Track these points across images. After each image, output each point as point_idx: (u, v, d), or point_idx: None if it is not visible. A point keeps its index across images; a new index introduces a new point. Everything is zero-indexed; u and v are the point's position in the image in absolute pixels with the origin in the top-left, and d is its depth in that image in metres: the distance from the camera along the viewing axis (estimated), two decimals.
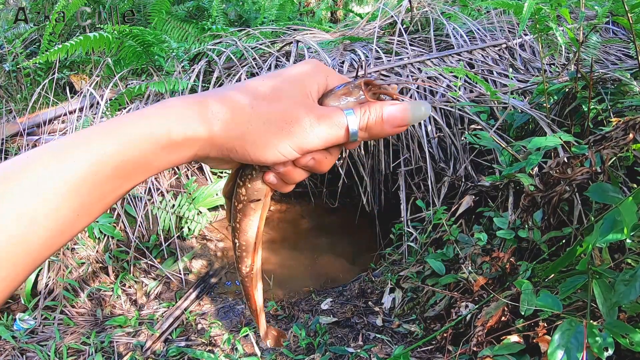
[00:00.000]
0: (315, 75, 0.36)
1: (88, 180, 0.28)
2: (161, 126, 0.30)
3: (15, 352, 1.85)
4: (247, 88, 0.34)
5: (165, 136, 0.30)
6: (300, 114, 0.33)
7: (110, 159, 0.28)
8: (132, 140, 0.29)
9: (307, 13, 5.41)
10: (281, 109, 0.33)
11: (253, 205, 0.39)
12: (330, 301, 2.16)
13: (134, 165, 0.30)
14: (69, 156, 0.28)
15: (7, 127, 2.64)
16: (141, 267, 2.38)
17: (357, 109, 0.35)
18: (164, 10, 3.45)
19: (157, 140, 0.30)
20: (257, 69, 2.80)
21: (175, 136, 0.30)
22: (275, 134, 0.32)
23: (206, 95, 0.33)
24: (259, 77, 0.36)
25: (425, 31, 3.25)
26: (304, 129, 0.33)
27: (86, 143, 0.28)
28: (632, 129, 1.39)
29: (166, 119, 0.30)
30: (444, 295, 1.75)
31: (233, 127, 0.32)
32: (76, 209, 0.28)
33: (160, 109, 0.31)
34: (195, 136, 0.31)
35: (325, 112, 0.34)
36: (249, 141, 0.32)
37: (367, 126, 0.35)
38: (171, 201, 2.50)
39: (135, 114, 0.31)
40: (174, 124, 0.30)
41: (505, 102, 2.15)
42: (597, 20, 2.05)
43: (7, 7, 4.02)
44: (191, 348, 1.85)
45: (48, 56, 2.57)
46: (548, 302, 1.03)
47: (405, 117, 0.34)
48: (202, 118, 0.31)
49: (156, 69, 2.97)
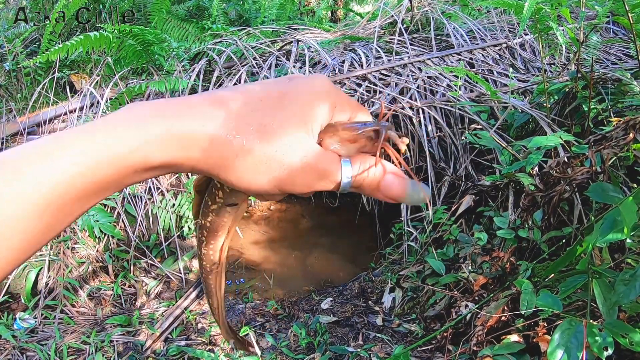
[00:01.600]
0: (322, 106, 0.31)
1: (55, 202, 0.26)
2: (138, 151, 0.27)
3: (15, 352, 1.85)
4: (238, 114, 0.29)
5: (142, 162, 0.28)
6: (294, 161, 0.29)
7: (81, 179, 0.26)
8: (106, 163, 0.27)
9: (307, 12, 5.41)
10: (275, 151, 0.29)
11: (229, 209, 0.37)
12: (331, 300, 2.16)
13: (105, 185, 0.28)
14: (36, 175, 0.26)
15: (7, 127, 2.64)
16: (141, 267, 2.38)
17: (356, 161, 0.31)
18: (164, 9, 3.45)
19: (132, 165, 0.28)
20: (258, 69, 2.80)
21: (153, 161, 0.28)
22: (264, 173, 0.29)
23: (189, 116, 0.28)
24: (256, 93, 0.31)
25: (425, 31, 3.25)
26: (294, 177, 0.30)
27: (59, 158, 0.26)
28: (632, 128, 1.39)
29: (144, 144, 0.27)
30: (444, 294, 1.75)
31: (217, 159, 0.29)
32: (42, 229, 0.27)
33: (136, 130, 0.27)
34: (173, 162, 0.29)
35: (322, 163, 0.30)
36: (233, 174, 0.29)
37: (360, 185, 0.32)
38: (171, 200, 2.50)
39: (109, 128, 0.27)
40: (152, 150, 0.27)
41: (505, 102, 2.15)
42: (598, 20, 2.05)
43: (7, 7, 4.02)
44: (191, 347, 1.85)
45: (48, 55, 2.57)
46: (548, 302, 1.03)
47: (400, 196, 0.32)
48: (183, 145, 0.28)
49: (156, 69, 2.97)
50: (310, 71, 2.78)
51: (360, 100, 2.60)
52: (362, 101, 2.60)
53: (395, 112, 2.54)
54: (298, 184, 0.30)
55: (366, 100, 2.59)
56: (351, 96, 2.61)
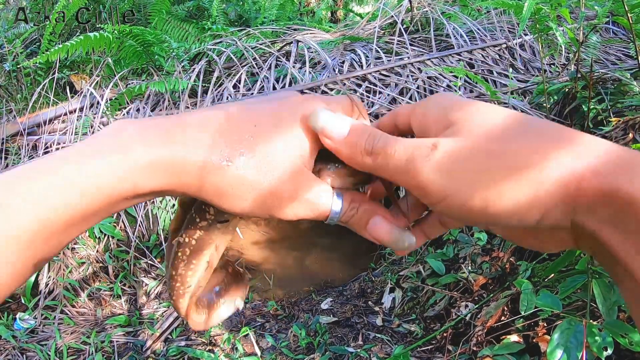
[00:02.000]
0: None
1: (41, 235, 0.26)
2: (127, 180, 0.26)
3: (15, 352, 1.85)
4: (231, 140, 0.28)
5: (131, 189, 0.27)
6: (285, 191, 0.29)
7: (69, 211, 0.26)
8: (94, 193, 0.26)
9: (307, 13, 5.41)
10: (268, 180, 0.28)
11: (219, 226, 0.33)
12: (330, 301, 2.16)
13: (93, 213, 0.27)
14: (20, 210, 0.25)
15: (7, 127, 2.64)
16: (141, 267, 2.38)
17: (347, 198, 0.31)
18: (164, 10, 3.46)
19: (121, 193, 0.27)
20: (257, 69, 2.81)
21: (142, 189, 0.27)
22: (255, 200, 0.29)
23: (180, 142, 0.27)
24: (249, 116, 0.30)
25: (425, 31, 3.26)
26: (284, 206, 0.29)
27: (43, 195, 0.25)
28: (632, 128, 1.39)
29: (132, 172, 0.27)
30: (443, 295, 1.75)
31: (209, 185, 0.28)
32: (26, 262, 0.26)
33: (125, 157, 0.26)
34: (164, 188, 0.28)
35: (314, 196, 0.30)
36: (226, 200, 0.29)
37: (347, 221, 0.32)
38: (171, 201, 2.50)
39: (96, 156, 0.26)
40: (142, 178, 0.27)
41: (505, 102, 2.15)
42: (597, 20, 2.05)
43: (7, 7, 4.02)
44: (191, 348, 1.85)
45: (48, 56, 2.57)
46: (548, 302, 1.04)
47: (386, 240, 0.31)
48: (174, 172, 0.28)
49: (156, 69, 2.97)
50: (311, 71, 2.78)
51: (360, 100, 2.60)
52: (362, 101, 2.60)
53: None
54: (287, 212, 0.30)
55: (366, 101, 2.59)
56: None
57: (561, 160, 0.24)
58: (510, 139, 0.26)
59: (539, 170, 0.24)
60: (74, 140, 2.54)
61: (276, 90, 2.67)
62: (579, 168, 0.24)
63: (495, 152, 0.25)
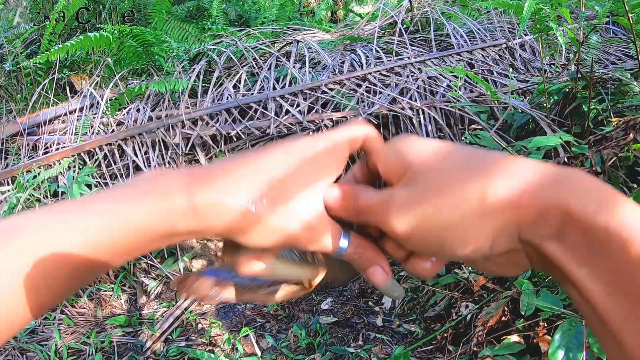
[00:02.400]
0: None
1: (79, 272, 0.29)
2: (165, 221, 0.30)
3: (15, 352, 1.85)
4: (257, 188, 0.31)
5: (169, 229, 0.30)
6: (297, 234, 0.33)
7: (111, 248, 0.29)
8: (134, 231, 0.29)
9: (307, 13, 5.41)
10: (287, 223, 0.32)
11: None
12: (331, 301, 2.16)
13: (130, 250, 0.30)
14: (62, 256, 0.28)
15: (7, 127, 2.64)
16: (141, 267, 2.38)
17: (354, 241, 0.35)
18: (164, 10, 3.46)
19: (160, 232, 0.30)
20: (257, 69, 2.81)
21: (179, 229, 0.30)
22: (280, 241, 0.33)
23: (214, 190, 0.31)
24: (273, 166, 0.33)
25: (425, 31, 3.25)
26: (293, 243, 0.33)
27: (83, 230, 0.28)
28: (632, 129, 1.39)
29: (170, 214, 0.30)
30: (444, 295, 1.75)
31: (237, 227, 0.31)
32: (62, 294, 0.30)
33: (164, 201, 0.30)
34: (198, 229, 0.31)
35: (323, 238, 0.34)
36: (249, 237, 0.32)
37: (349, 260, 0.36)
38: None
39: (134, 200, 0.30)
40: (178, 220, 0.30)
41: (505, 102, 2.15)
42: (598, 20, 2.04)
43: (7, 7, 4.02)
44: (191, 348, 1.85)
45: (48, 56, 2.57)
46: (548, 302, 1.04)
47: (381, 287, 0.36)
48: (208, 216, 0.31)
49: (156, 69, 2.97)
50: (311, 71, 2.78)
51: (360, 100, 2.61)
52: (362, 101, 2.60)
53: (396, 113, 2.54)
54: (305, 247, 0.34)
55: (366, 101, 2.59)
56: (351, 97, 2.61)
57: (497, 187, 0.27)
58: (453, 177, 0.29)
59: (479, 203, 0.27)
60: (74, 140, 2.55)
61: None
62: (515, 190, 0.26)
63: (441, 194, 0.28)
